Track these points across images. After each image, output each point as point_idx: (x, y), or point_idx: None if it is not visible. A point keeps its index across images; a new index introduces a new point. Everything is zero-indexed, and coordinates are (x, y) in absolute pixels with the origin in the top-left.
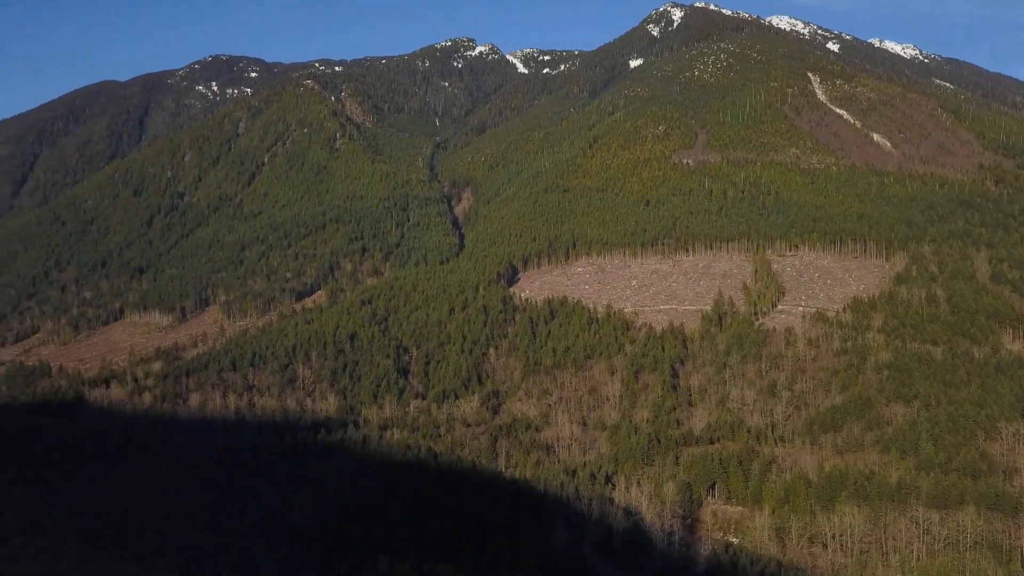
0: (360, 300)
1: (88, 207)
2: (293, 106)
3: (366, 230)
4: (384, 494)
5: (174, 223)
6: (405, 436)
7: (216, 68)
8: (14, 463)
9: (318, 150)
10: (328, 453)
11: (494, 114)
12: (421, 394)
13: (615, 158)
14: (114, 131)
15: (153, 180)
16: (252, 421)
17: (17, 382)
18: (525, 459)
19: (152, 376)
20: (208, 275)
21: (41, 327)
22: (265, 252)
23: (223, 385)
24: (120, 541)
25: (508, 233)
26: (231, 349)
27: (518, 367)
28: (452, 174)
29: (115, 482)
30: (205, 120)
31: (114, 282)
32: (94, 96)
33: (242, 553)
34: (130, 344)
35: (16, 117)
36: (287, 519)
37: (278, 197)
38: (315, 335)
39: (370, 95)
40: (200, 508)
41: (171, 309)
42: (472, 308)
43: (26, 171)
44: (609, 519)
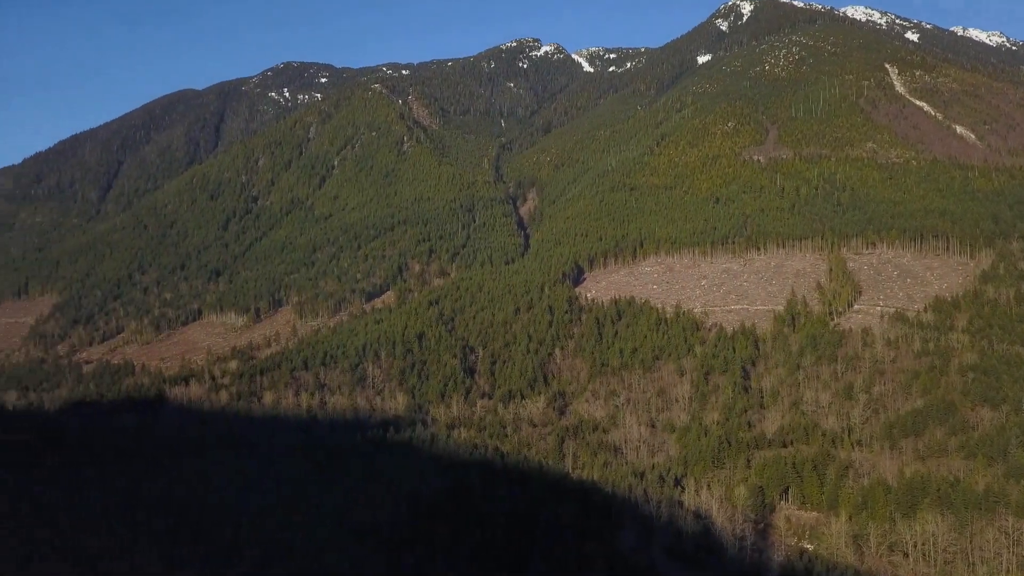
0: (427, 300)
1: (168, 212)
2: (361, 110)
3: (433, 231)
4: (452, 493)
5: (248, 226)
6: (472, 435)
7: (288, 74)
8: (100, 458)
9: (386, 153)
10: (397, 451)
11: (559, 114)
12: (487, 394)
13: (683, 155)
14: (192, 138)
15: (229, 185)
16: (324, 419)
17: (104, 380)
18: (592, 460)
19: (228, 375)
20: (281, 276)
21: (125, 327)
22: (336, 254)
23: (296, 384)
24: (197, 537)
25: (574, 233)
26: (303, 349)
27: (584, 368)
28: (517, 174)
29: (194, 478)
30: (277, 125)
31: (192, 284)
32: (173, 104)
33: (315, 549)
34: (208, 343)
35: (102, 126)
36: (358, 516)
37: (348, 200)
38: (384, 335)
39: (436, 97)
40: (274, 504)
41: (246, 310)
42: (537, 308)
43: (111, 177)
44: (678, 522)
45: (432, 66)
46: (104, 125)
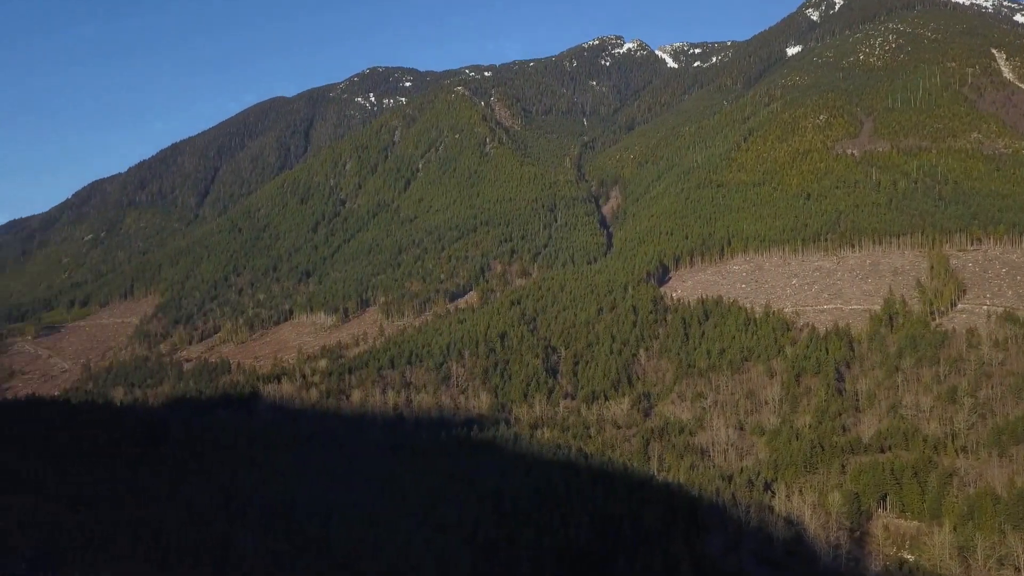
0: (510, 300)
1: (261, 215)
2: (445, 113)
3: (515, 232)
4: (536, 492)
5: (337, 229)
6: (556, 435)
7: (373, 80)
8: (199, 452)
9: (469, 155)
10: (481, 450)
11: (643, 111)
12: (571, 394)
13: (772, 151)
14: (283, 144)
15: (318, 189)
16: (410, 417)
17: (202, 377)
18: (678, 463)
19: (318, 373)
20: (368, 277)
21: (222, 327)
22: (420, 255)
23: (382, 382)
24: (291, 530)
25: (658, 231)
26: (390, 348)
27: (670, 369)
28: (600, 173)
29: (286, 472)
30: (364, 130)
31: (284, 285)
32: (265, 112)
33: (401, 545)
34: (298, 343)
35: (200, 134)
36: (443, 513)
37: (432, 201)
38: (468, 335)
39: (518, 98)
40: (362, 499)
41: (335, 310)
42: (621, 308)
43: (208, 183)
44: (768, 527)
45: (514, 67)
46: (202, 133)
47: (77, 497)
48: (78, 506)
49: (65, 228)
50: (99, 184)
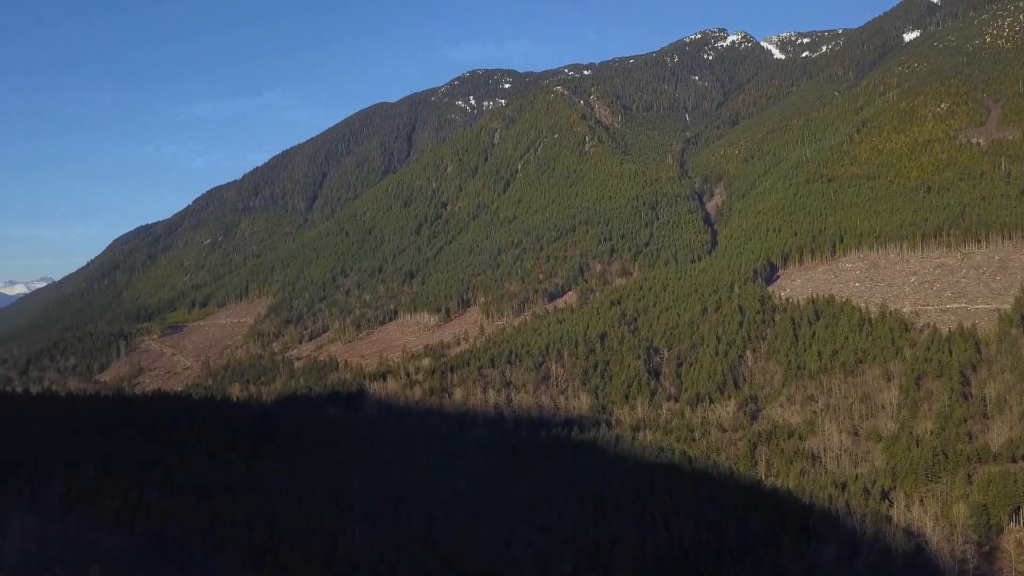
0: (610, 301)
1: (367, 219)
2: (544, 113)
3: (615, 231)
4: (638, 495)
5: (439, 230)
6: (658, 438)
7: (473, 82)
8: (309, 447)
9: (568, 154)
10: (581, 451)
11: (748, 104)
12: (674, 396)
13: (888, 142)
14: (387, 148)
15: (420, 192)
16: (510, 416)
17: (312, 375)
18: (787, 468)
19: (421, 371)
20: (469, 278)
21: (330, 326)
22: (519, 255)
23: (483, 381)
24: (396, 524)
25: (765, 228)
26: (490, 347)
27: (778, 371)
28: (703, 170)
29: (391, 467)
30: (464, 133)
31: (389, 286)
32: (370, 117)
33: (502, 542)
34: (403, 342)
35: (309, 141)
36: (543, 513)
37: (531, 202)
38: (567, 335)
39: (618, 96)
40: (464, 496)
41: (437, 310)
42: (726, 308)
43: (317, 188)
44: (886, 539)
45: (614, 64)
46: (311, 140)
47: (199, 487)
48: (200, 495)
49: (186, 233)
50: (217, 191)
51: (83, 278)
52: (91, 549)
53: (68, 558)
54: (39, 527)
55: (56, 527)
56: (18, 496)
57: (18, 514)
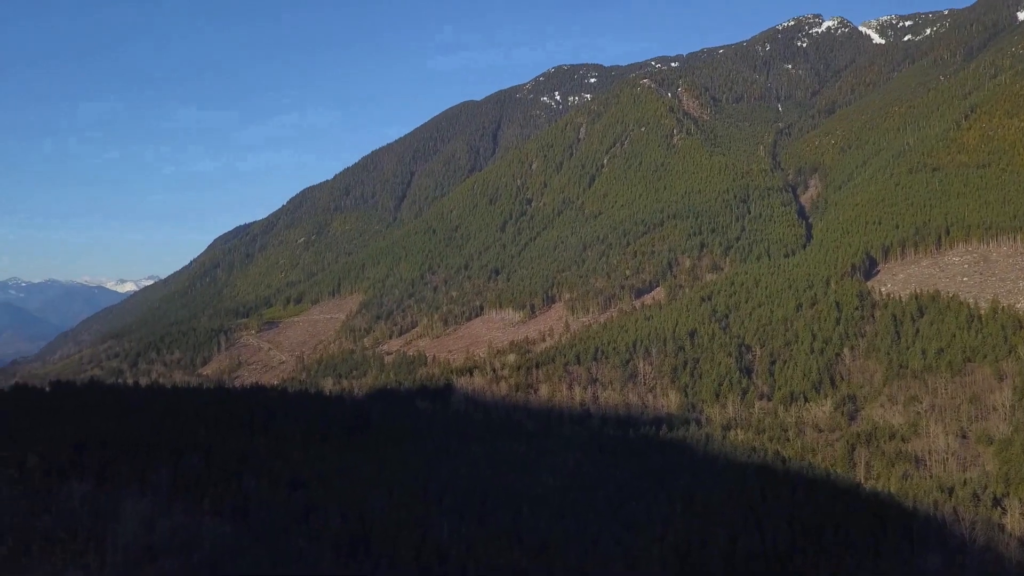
0: (699, 297)
1: (453, 216)
2: (630, 107)
3: (704, 225)
4: (729, 495)
5: (524, 227)
6: (750, 437)
7: (558, 78)
8: (399, 439)
9: (655, 148)
10: (670, 449)
11: (845, 92)
12: (766, 395)
13: (999, 128)
14: (472, 146)
15: (505, 189)
16: (596, 413)
17: (401, 369)
18: (888, 471)
19: (507, 367)
20: (554, 274)
21: (418, 322)
22: (605, 251)
23: (569, 377)
24: (483, 518)
25: (864, 221)
26: (575, 344)
27: (879, 370)
28: (797, 161)
29: (478, 461)
30: (549, 129)
31: (475, 282)
32: (455, 116)
33: (590, 540)
34: (489, 337)
35: (397, 141)
36: (631, 511)
37: (617, 197)
38: (655, 332)
39: (707, 87)
40: (551, 492)
41: (522, 306)
42: (823, 304)
43: (405, 187)
44: (998, 547)
45: (702, 55)
46: (399, 140)
47: (294, 477)
48: (295, 486)
49: (281, 232)
50: (310, 191)
51: (186, 276)
52: (195, 536)
53: (174, 544)
54: (147, 513)
55: (163, 514)
56: (128, 483)
57: (129, 500)
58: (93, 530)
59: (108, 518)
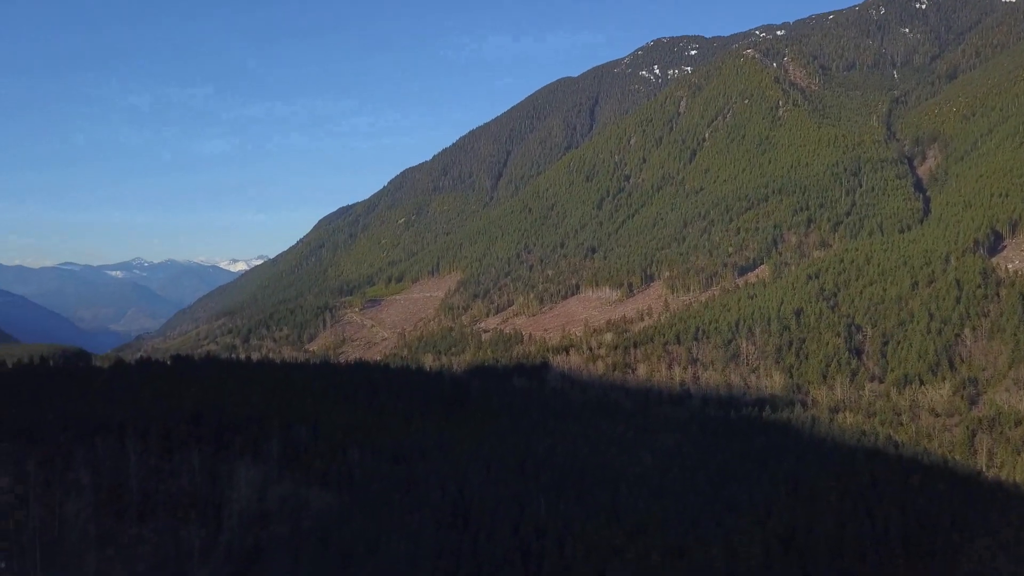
0: (806, 274)
1: (549, 195)
2: (733, 78)
3: (812, 200)
4: (837, 479)
5: (621, 204)
6: (859, 421)
7: (658, 51)
8: (496, 415)
9: (759, 120)
10: (774, 431)
11: (968, 56)
12: (878, 377)
13: None
14: (569, 123)
15: (603, 165)
16: (696, 393)
17: (498, 346)
18: (1014, 459)
19: (604, 346)
20: (652, 252)
21: (515, 300)
22: (707, 228)
23: (668, 357)
24: (581, 495)
25: (988, 193)
26: (675, 323)
27: (1003, 351)
28: (914, 131)
29: (575, 440)
30: (648, 103)
31: (571, 260)
32: (552, 93)
33: (689, 520)
34: (585, 316)
35: (494, 120)
36: (732, 492)
37: (719, 172)
38: (758, 311)
39: (816, 55)
40: (650, 472)
41: (620, 284)
42: (941, 282)
43: (501, 167)
44: None
45: (811, 22)
46: (495, 119)
47: (396, 450)
48: (397, 459)
49: (383, 213)
50: (409, 172)
51: (293, 256)
52: (303, 503)
53: (284, 511)
54: (259, 481)
55: (273, 482)
56: (242, 453)
57: (243, 468)
58: (211, 495)
59: (224, 484)
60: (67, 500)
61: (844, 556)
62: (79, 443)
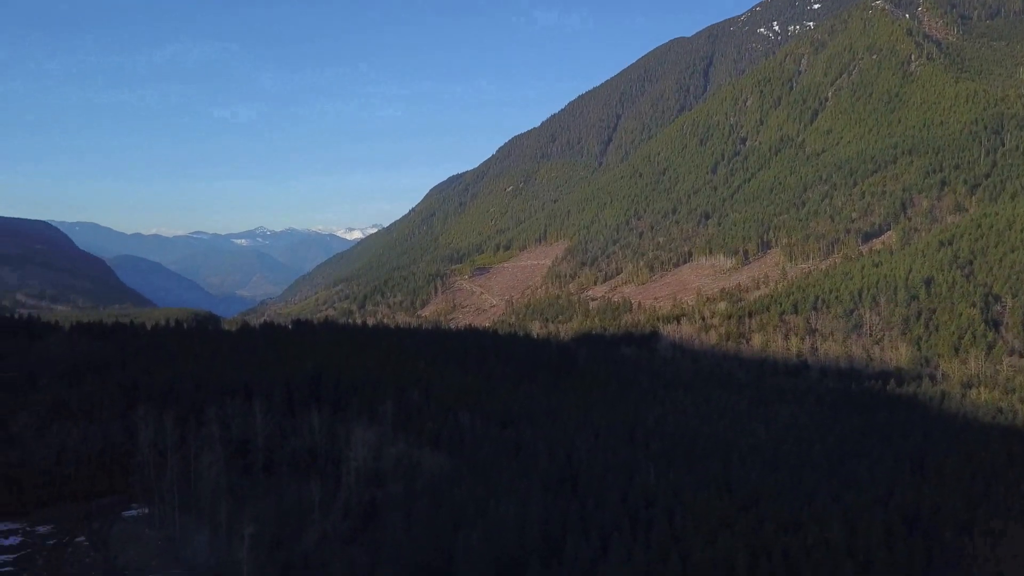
0: (938, 241)
1: (660, 159)
2: (860, 32)
3: (946, 161)
4: (968, 459)
5: (737, 168)
6: (996, 397)
7: (777, 7)
8: (604, 383)
9: (889, 76)
10: (898, 406)
11: None
12: (1018, 351)
13: None
14: (682, 85)
15: (717, 128)
16: (814, 365)
17: (606, 315)
18: None
19: (717, 315)
20: (770, 218)
21: (623, 268)
22: (828, 192)
23: (785, 327)
24: (691, 465)
25: None
26: (793, 292)
27: None
28: None
29: (685, 409)
30: (766, 62)
31: (683, 227)
32: (664, 55)
33: (805, 495)
34: (697, 284)
35: (603, 84)
36: (851, 468)
37: (843, 133)
38: (884, 279)
39: (954, 4)
40: (763, 444)
41: (734, 252)
42: None
43: (611, 131)
44: None
45: None
46: (605, 83)
47: (504, 415)
48: (505, 423)
49: (491, 181)
50: (518, 139)
51: (406, 224)
52: (416, 464)
53: (398, 471)
54: (375, 441)
55: (388, 442)
56: (359, 414)
57: (359, 429)
58: (330, 454)
59: (342, 444)
60: (200, 455)
61: (974, 539)
62: (210, 402)
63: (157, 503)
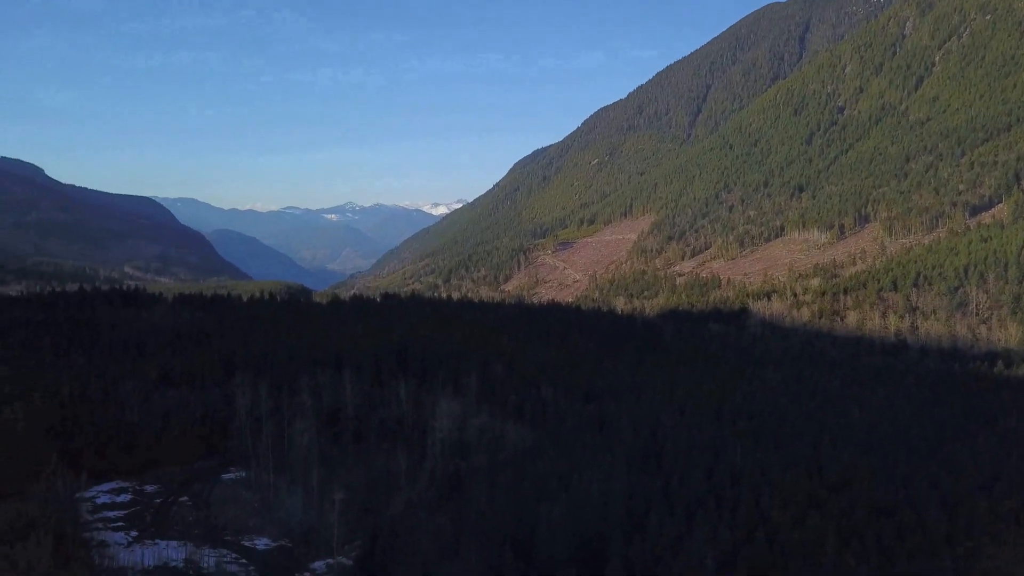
0: None
1: (752, 130)
2: None
3: None
4: None
5: (834, 139)
6: None
7: None
8: (691, 360)
9: (1004, 38)
10: (1006, 388)
11: None
12: None
13: None
14: (776, 52)
15: (813, 97)
16: (914, 344)
17: (694, 291)
18: None
19: (810, 292)
20: (868, 190)
21: (712, 243)
22: (933, 163)
23: (883, 305)
24: (779, 444)
25: None
26: (892, 268)
27: None
28: None
29: (775, 388)
30: (867, 26)
31: (775, 200)
32: (757, 22)
33: (900, 478)
34: (789, 260)
35: (693, 53)
36: (952, 452)
37: (950, 100)
38: (993, 255)
39: None
40: (856, 425)
41: (829, 226)
42: None
43: (700, 102)
44: None
45: None
46: (695, 52)
47: (587, 389)
48: (588, 398)
49: (575, 155)
50: (604, 112)
51: (490, 199)
52: (499, 436)
53: (482, 443)
54: (459, 413)
55: (472, 414)
56: (444, 386)
57: (444, 400)
58: (416, 424)
59: (428, 415)
60: (293, 422)
61: None
62: (303, 372)
63: (253, 467)
